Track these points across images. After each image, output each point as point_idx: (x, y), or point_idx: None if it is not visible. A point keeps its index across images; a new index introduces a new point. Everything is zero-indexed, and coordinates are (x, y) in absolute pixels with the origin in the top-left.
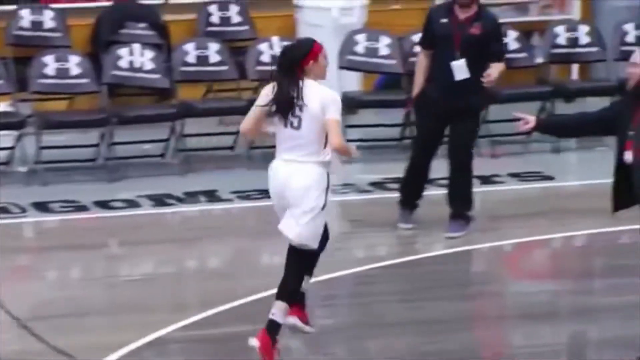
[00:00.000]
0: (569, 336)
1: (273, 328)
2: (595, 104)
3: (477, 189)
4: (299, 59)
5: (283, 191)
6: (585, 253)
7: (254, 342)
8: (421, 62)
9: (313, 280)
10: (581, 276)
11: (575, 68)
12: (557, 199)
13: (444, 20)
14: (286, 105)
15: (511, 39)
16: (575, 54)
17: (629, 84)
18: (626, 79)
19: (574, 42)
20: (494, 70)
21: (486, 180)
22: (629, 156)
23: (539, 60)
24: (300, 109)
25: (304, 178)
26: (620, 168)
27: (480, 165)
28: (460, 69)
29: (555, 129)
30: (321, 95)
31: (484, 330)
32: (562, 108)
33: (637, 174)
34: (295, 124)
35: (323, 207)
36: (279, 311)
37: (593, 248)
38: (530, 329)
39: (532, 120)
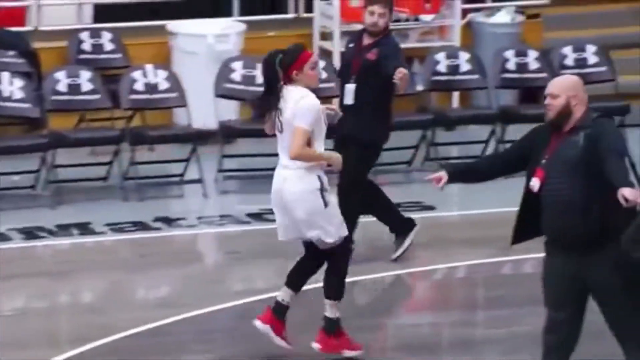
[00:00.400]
0: None
1: (329, 324)
2: (476, 132)
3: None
4: (285, 67)
5: (280, 196)
6: (468, 284)
7: (315, 346)
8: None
9: (190, 314)
10: (464, 307)
11: (455, 96)
12: (439, 229)
13: (351, 45)
14: (265, 108)
15: None
16: (455, 82)
17: (548, 115)
18: (545, 110)
19: (454, 70)
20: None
21: None
22: (535, 183)
23: (419, 87)
24: (281, 114)
25: (295, 183)
26: (527, 197)
27: None
28: (349, 93)
29: (468, 176)
30: (296, 103)
31: None
32: (443, 136)
33: (547, 200)
34: (280, 127)
35: (326, 206)
36: (329, 307)
37: (475, 279)
38: None
39: (443, 175)
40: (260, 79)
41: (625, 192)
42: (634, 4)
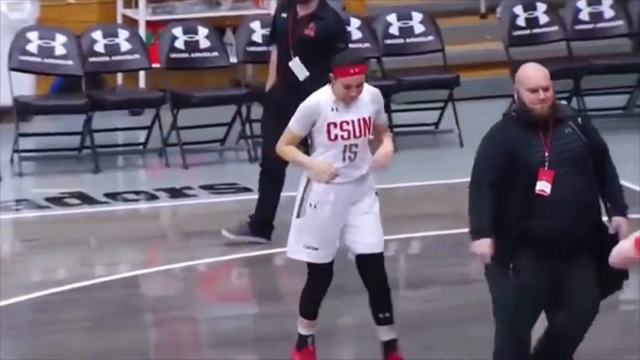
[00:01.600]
0: None
1: (298, 339)
2: None
3: (166, 202)
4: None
5: None
6: (291, 272)
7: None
8: (272, 57)
9: None
10: (288, 298)
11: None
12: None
13: (284, 15)
14: None
15: (201, 36)
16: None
17: (543, 110)
18: (533, 106)
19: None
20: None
21: (176, 193)
22: (545, 187)
23: (233, 59)
24: None
25: None
26: (526, 205)
27: (169, 177)
28: (298, 68)
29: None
30: None
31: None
32: (260, 112)
33: (552, 201)
34: None
35: (298, 215)
36: (298, 322)
37: (295, 268)
38: (228, 356)
39: (487, 242)
40: (58, 50)
41: (623, 226)
42: None
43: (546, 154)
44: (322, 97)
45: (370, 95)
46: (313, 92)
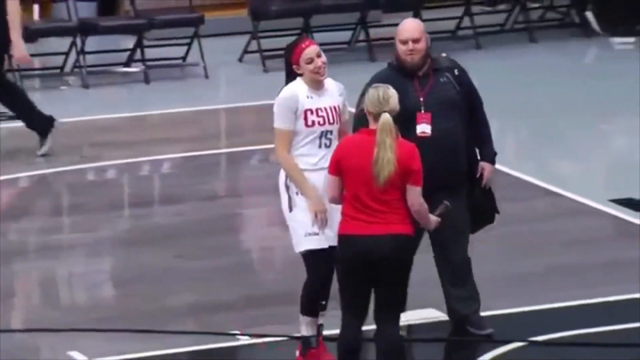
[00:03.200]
0: (43, 275)
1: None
2: (56, 43)
3: None
4: (287, 62)
5: None
6: (51, 192)
7: None
8: None
9: None
10: (48, 214)
11: (36, 8)
12: (23, 138)
13: None
14: None
15: None
16: None
17: (413, 60)
18: (404, 57)
19: None
20: None
21: None
22: (425, 128)
23: None
24: None
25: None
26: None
27: None
28: None
29: None
30: None
31: None
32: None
33: (431, 143)
34: None
35: (290, 209)
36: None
37: (58, 186)
38: None
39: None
40: None
41: (487, 170)
42: None
43: (421, 99)
44: (296, 87)
45: (337, 87)
46: None
